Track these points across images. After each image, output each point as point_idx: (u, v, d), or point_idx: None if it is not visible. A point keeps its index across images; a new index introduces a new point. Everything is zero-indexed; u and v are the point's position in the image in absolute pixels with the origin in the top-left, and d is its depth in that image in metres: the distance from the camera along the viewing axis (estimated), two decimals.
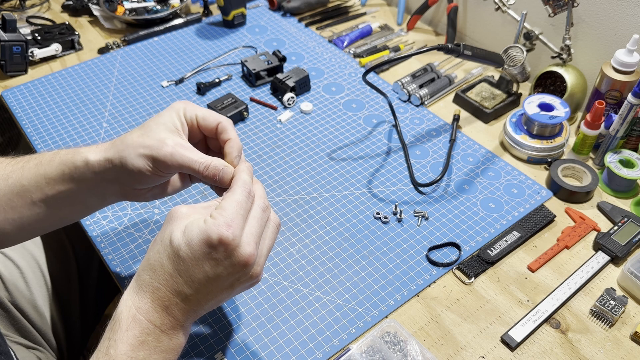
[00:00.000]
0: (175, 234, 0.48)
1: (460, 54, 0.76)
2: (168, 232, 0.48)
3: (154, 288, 0.48)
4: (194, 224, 0.48)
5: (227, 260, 0.48)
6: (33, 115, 0.90)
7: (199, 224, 0.47)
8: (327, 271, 0.68)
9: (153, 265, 0.48)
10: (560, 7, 0.85)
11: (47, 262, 0.81)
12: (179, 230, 0.48)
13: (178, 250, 0.47)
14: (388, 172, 0.82)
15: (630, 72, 0.79)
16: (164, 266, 0.48)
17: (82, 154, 0.55)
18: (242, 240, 0.48)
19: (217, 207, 0.49)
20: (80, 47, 1.06)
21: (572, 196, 0.77)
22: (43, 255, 0.81)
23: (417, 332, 0.63)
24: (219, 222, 0.47)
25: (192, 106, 0.59)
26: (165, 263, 0.48)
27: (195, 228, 0.47)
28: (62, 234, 0.85)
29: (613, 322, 0.63)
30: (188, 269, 0.48)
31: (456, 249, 0.71)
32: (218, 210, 0.48)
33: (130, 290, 0.49)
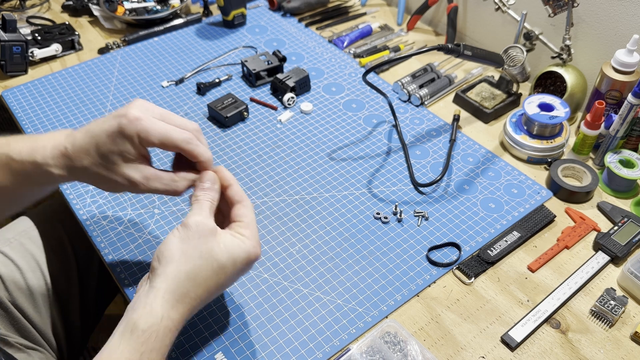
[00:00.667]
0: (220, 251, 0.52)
1: (460, 54, 0.76)
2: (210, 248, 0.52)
3: (191, 301, 0.51)
4: (236, 244, 0.53)
5: (248, 268, 0.55)
6: (33, 115, 0.90)
7: (241, 244, 0.54)
8: (327, 271, 0.68)
9: (194, 279, 0.51)
10: (560, 7, 0.85)
11: (47, 261, 0.81)
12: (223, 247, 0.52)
13: (224, 267, 0.52)
14: (388, 172, 0.82)
15: (630, 72, 0.79)
16: (207, 280, 0.52)
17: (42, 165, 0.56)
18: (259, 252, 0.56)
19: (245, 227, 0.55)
20: (81, 47, 1.06)
21: (572, 196, 0.77)
22: (43, 255, 0.81)
23: (417, 332, 0.63)
24: (254, 242, 0.54)
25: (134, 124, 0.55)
26: (208, 278, 0.52)
27: (237, 248, 0.53)
28: (62, 233, 0.85)
29: (613, 322, 0.63)
30: (225, 282, 0.54)
31: (456, 249, 0.71)
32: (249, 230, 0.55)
33: (163, 301, 0.50)
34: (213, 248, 0.52)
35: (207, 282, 0.52)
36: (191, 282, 0.51)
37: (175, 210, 0.76)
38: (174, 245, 0.52)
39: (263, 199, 0.77)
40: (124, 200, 0.77)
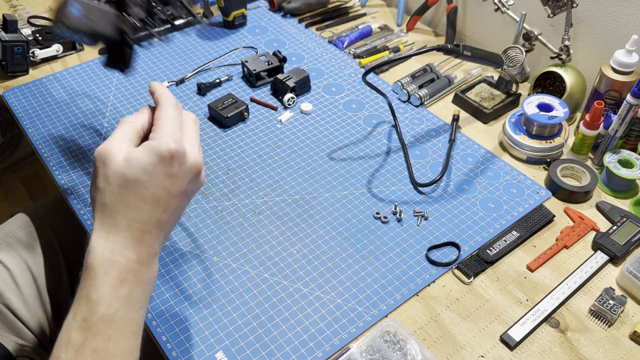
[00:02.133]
0: (124, 168, 0.48)
1: (459, 54, 0.77)
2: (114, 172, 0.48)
3: (123, 226, 0.48)
4: (138, 152, 0.49)
5: (182, 171, 0.50)
6: (34, 115, 0.91)
7: (144, 149, 0.49)
8: (327, 271, 0.69)
9: (114, 206, 0.48)
10: (560, 8, 0.85)
11: (36, 263, 0.82)
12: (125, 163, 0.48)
13: (137, 181, 0.48)
14: (388, 172, 0.82)
15: (629, 72, 0.79)
16: (126, 201, 0.48)
17: None
18: (187, 150, 0.50)
19: (154, 127, 0.51)
20: (82, 47, 1.06)
21: (571, 196, 0.78)
22: (31, 256, 0.82)
23: (417, 331, 0.63)
24: (164, 139, 0.49)
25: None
26: (126, 198, 0.48)
27: (142, 154, 0.48)
28: (51, 234, 0.85)
29: (612, 321, 0.63)
30: (153, 194, 0.49)
31: (455, 248, 0.71)
32: (157, 130, 0.50)
33: (97, 237, 0.48)
34: (115, 169, 0.48)
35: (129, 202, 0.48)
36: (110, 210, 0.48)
37: None
38: (91, 188, 0.51)
39: (263, 199, 0.78)
40: None
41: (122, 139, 0.50)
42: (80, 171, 0.81)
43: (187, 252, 0.70)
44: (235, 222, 0.74)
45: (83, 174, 0.81)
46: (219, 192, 0.78)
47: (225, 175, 0.81)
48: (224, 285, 0.67)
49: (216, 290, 0.66)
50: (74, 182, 0.79)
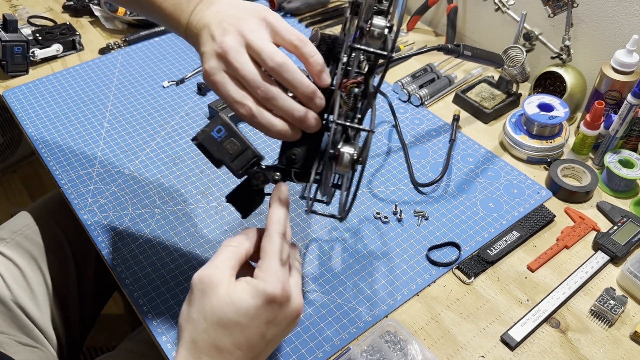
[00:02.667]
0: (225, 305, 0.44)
1: (460, 54, 0.77)
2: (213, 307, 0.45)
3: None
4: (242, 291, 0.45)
5: (281, 316, 0.46)
6: (34, 115, 0.91)
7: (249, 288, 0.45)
8: (327, 271, 0.69)
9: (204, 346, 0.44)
10: (560, 8, 0.85)
11: (45, 260, 0.82)
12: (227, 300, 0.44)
13: (236, 323, 0.44)
14: (388, 172, 0.82)
15: (629, 72, 0.79)
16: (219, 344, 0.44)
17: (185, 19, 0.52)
18: (292, 295, 0.46)
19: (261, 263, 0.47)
20: (81, 47, 1.06)
21: (572, 196, 0.78)
22: (40, 254, 0.82)
23: (417, 331, 0.63)
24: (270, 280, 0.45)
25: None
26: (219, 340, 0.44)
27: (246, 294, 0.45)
28: (58, 231, 0.85)
29: (612, 321, 0.63)
30: (249, 339, 0.45)
31: (456, 248, 0.71)
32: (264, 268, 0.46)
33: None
34: (216, 306, 0.44)
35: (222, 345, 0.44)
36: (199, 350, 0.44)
37: (176, 210, 0.76)
38: (183, 313, 0.46)
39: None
40: (125, 200, 0.77)
41: (226, 267, 0.46)
42: (80, 171, 0.81)
43: (187, 252, 0.70)
44: (235, 222, 0.74)
45: (83, 174, 0.81)
46: (219, 192, 0.78)
47: (225, 175, 0.81)
48: None
49: None
50: (74, 182, 0.79)
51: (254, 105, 0.49)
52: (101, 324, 1.03)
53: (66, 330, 0.84)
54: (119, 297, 1.30)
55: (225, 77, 0.49)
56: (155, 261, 0.69)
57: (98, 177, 0.80)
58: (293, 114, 0.49)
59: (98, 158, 0.83)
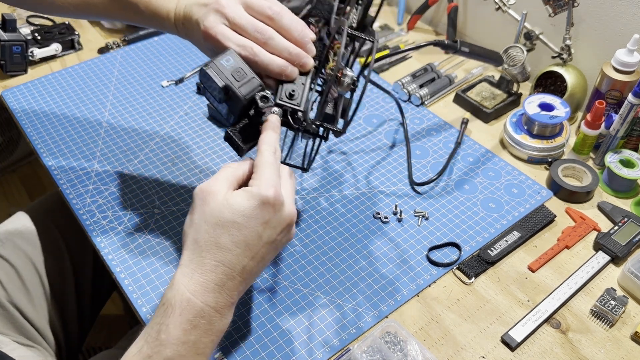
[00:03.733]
0: (223, 207, 0.49)
1: (457, 50, 0.76)
2: (212, 209, 0.49)
3: (209, 267, 0.48)
4: (238, 195, 0.49)
5: (276, 219, 0.50)
6: (33, 115, 0.90)
7: (244, 193, 0.49)
8: (327, 271, 0.68)
9: (204, 245, 0.48)
10: (561, 7, 0.85)
11: (42, 260, 0.81)
12: (225, 202, 0.49)
13: (233, 222, 0.48)
14: (388, 172, 0.82)
15: (630, 72, 0.79)
16: (219, 241, 0.48)
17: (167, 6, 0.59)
18: (285, 200, 0.51)
19: (254, 174, 0.51)
20: (80, 46, 1.06)
21: (573, 196, 0.77)
22: (37, 254, 0.82)
23: (417, 332, 0.63)
24: (263, 185, 0.49)
25: None
26: (219, 238, 0.48)
27: (241, 197, 0.49)
28: (55, 231, 0.85)
29: (613, 322, 0.63)
30: (246, 237, 0.49)
31: (456, 249, 0.71)
32: (257, 177, 0.50)
33: (181, 273, 0.48)
34: (215, 208, 0.49)
35: (221, 243, 0.48)
36: (201, 248, 0.48)
37: (175, 210, 0.75)
38: (186, 223, 0.51)
39: None
40: (124, 200, 0.77)
41: (224, 181, 0.51)
42: (79, 171, 0.81)
43: None
44: None
45: (82, 174, 0.80)
46: None
47: None
48: None
49: None
50: (73, 182, 0.79)
51: (255, 46, 0.55)
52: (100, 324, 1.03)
53: (64, 331, 0.84)
54: (118, 297, 1.29)
55: (225, 28, 0.55)
56: (154, 261, 0.69)
57: (97, 177, 0.80)
58: (290, 51, 0.56)
59: (97, 158, 0.83)
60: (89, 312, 0.91)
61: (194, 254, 0.49)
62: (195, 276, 0.48)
